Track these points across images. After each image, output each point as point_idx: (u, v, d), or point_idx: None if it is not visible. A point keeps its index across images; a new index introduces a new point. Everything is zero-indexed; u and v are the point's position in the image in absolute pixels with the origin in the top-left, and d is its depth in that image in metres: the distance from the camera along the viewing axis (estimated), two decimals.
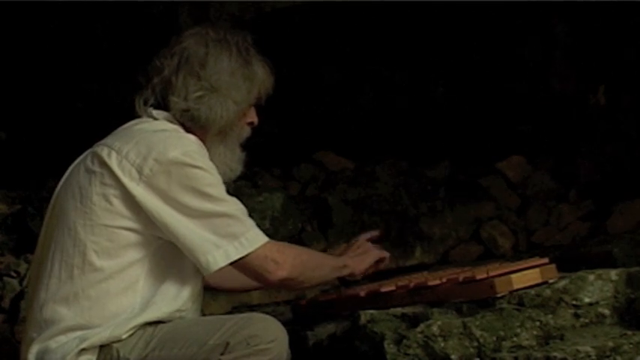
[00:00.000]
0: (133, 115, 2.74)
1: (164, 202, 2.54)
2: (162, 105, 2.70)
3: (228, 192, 2.64)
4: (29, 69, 4.57)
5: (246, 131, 2.78)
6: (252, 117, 2.78)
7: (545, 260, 2.84)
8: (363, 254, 2.93)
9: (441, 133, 4.77)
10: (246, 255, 2.57)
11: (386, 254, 2.99)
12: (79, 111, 4.64)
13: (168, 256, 2.61)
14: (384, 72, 4.79)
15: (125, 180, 2.54)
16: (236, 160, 2.74)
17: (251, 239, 2.59)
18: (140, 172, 2.54)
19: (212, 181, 2.58)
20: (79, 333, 2.53)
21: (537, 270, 2.75)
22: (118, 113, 2.73)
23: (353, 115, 4.82)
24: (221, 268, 2.57)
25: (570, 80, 4.60)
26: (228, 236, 2.56)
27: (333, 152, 4.78)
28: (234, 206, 2.60)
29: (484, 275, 2.71)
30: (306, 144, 4.69)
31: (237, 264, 2.59)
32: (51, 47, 4.50)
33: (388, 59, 4.75)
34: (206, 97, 2.67)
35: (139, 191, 2.54)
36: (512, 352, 2.57)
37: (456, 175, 4.64)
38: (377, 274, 3.05)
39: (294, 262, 2.65)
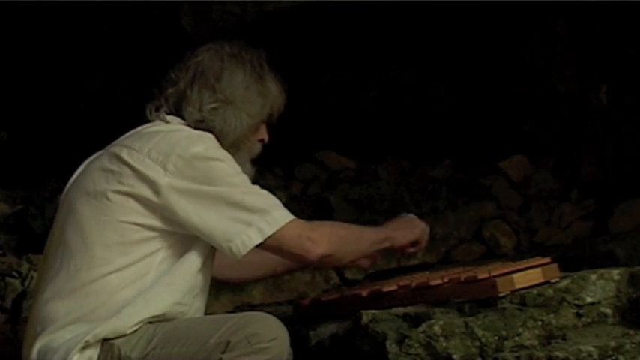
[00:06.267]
0: (135, 115, 2.75)
1: (190, 195, 2.57)
2: (175, 115, 2.74)
3: None
4: (30, 69, 4.57)
5: (258, 148, 2.83)
6: (264, 135, 2.83)
7: (547, 260, 2.85)
8: (408, 228, 2.93)
9: (442, 132, 4.77)
10: (279, 230, 2.58)
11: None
12: (80, 111, 4.64)
13: (179, 250, 2.63)
14: (385, 72, 4.79)
15: (150, 176, 2.56)
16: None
17: (281, 215, 2.60)
18: (164, 168, 2.57)
19: (234, 171, 2.62)
20: (82, 328, 2.54)
21: (539, 269, 2.75)
22: (120, 113, 2.73)
23: (355, 114, 4.82)
24: (257, 246, 2.57)
25: (572, 80, 4.59)
26: (259, 211, 2.57)
27: (335, 152, 4.79)
28: (259, 189, 2.63)
29: (486, 275, 2.71)
30: (308, 144, 4.69)
31: (272, 246, 2.60)
32: (52, 47, 4.50)
33: (390, 59, 4.75)
34: (221, 109, 2.71)
35: (165, 186, 2.55)
36: (514, 351, 2.57)
37: (457, 175, 4.64)
38: (378, 273, 3.05)
39: (331, 238, 2.66)
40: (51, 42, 4.47)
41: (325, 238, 2.65)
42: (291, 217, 2.62)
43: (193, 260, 2.65)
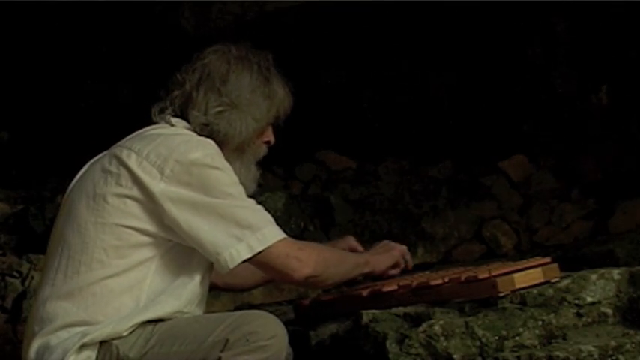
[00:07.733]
0: (135, 115, 2.75)
1: (183, 203, 2.55)
2: (180, 118, 2.73)
3: None
4: (31, 69, 4.57)
5: (263, 150, 2.81)
6: (269, 136, 2.82)
7: (548, 259, 2.84)
8: (385, 253, 2.96)
9: (443, 132, 4.77)
10: (268, 247, 2.57)
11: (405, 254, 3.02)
12: (81, 111, 4.64)
13: (177, 258, 2.62)
14: (386, 71, 4.79)
15: (145, 180, 2.55)
16: (250, 179, 2.76)
17: (272, 232, 2.60)
18: (161, 172, 2.56)
19: (231, 181, 2.60)
20: (80, 328, 2.54)
21: (540, 269, 2.75)
22: (120, 113, 2.74)
23: (355, 114, 4.82)
24: (244, 261, 2.57)
25: (572, 80, 4.60)
26: (251, 227, 2.56)
27: (335, 152, 4.79)
28: (253, 204, 2.63)
29: (486, 274, 2.71)
30: (308, 143, 4.69)
31: (260, 262, 2.60)
32: (52, 47, 4.50)
33: (390, 59, 4.76)
34: (226, 113, 2.70)
35: (159, 191, 2.55)
36: (514, 351, 2.56)
37: (458, 175, 4.64)
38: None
39: (317, 258, 2.66)
40: (52, 42, 4.47)
41: (312, 259, 2.64)
42: (282, 235, 2.61)
43: (196, 271, 2.64)
